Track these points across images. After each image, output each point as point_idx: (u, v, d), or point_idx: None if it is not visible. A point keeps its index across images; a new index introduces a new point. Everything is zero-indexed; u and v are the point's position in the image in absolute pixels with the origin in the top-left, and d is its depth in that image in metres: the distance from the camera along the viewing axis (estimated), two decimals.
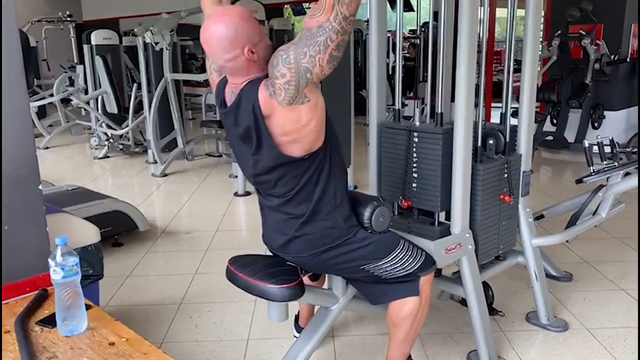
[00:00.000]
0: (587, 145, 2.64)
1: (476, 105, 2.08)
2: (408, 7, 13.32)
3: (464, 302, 2.48)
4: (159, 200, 4.90)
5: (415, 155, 2.08)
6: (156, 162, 5.80)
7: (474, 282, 2.11)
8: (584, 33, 5.38)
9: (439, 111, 2.07)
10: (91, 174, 5.85)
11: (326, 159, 1.66)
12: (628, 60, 5.63)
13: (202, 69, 10.85)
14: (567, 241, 2.58)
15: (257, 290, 1.72)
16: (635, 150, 2.73)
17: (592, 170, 2.61)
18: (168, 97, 5.52)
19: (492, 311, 2.36)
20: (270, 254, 1.94)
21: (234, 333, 2.43)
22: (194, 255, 3.35)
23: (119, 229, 3.45)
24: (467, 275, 2.10)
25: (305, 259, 1.78)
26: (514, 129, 2.35)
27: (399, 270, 1.78)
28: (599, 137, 2.69)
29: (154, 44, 5.34)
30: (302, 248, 1.75)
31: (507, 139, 2.24)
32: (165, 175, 5.50)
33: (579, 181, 2.60)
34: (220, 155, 6.12)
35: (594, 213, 2.63)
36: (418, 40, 7.27)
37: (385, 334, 2.35)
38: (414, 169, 2.10)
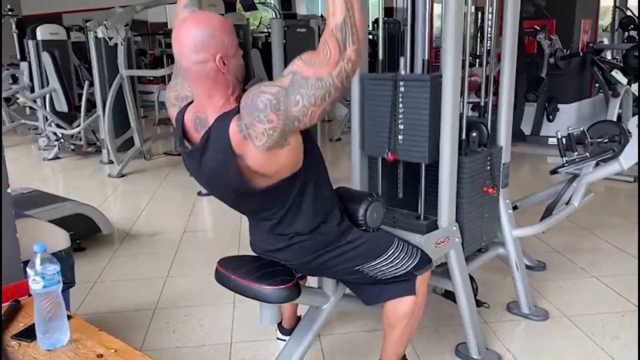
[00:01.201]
0: (559, 137, 2.69)
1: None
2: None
3: (446, 295, 2.49)
4: (118, 201, 4.70)
5: (401, 105, 2.00)
6: (111, 162, 5.58)
7: (461, 275, 2.10)
8: (538, 28, 5.53)
9: (425, 58, 2.02)
10: (41, 176, 5.57)
11: (309, 175, 1.57)
12: (581, 54, 5.83)
13: (152, 66, 10.55)
14: (542, 232, 2.61)
15: (252, 292, 1.65)
16: (606, 140, 2.79)
17: (565, 161, 2.67)
18: (124, 94, 5.30)
19: (477, 303, 2.37)
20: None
21: (216, 337, 2.34)
22: (163, 258, 3.22)
23: (81, 233, 3.27)
24: (455, 268, 2.09)
25: (298, 265, 1.73)
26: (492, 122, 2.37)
27: (395, 269, 1.74)
28: (569, 128, 2.75)
29: (107, 39, 5.12)
30: (295, 256, 1.69)
31: (490, 132, 2.25)
32: (123, 175, 5.29)
33: (554, 172, 2.65)
34: (179, 154, 5.94)
35: (567, 203, 2.69)
36: (374, 36, 7.28)
37: (372, 330, 2.34)
38: (400, 120, 2.01)
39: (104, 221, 3.42)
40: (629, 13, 9.33)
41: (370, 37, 9.44)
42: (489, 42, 2.46)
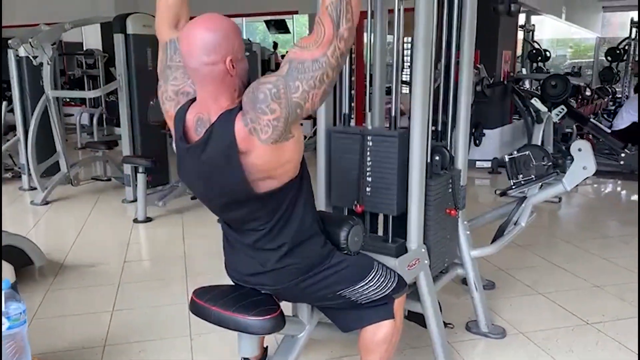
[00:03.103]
0: (507, 159, 2.83)
1: None
2: (283, 29, 13.57)
3: (409, 317, 2.50)
4: (46, 231, 4.38)
5: (369, 159, 2.03)
6: (33, 189, 5.20)
7: (431, 297, 2.13)
8: None
9: (393, 114, 2.07)
10: None
11: (301, 188, 1.57)
12: (505, 82, 6.21)
13: (69, 87, 10.03)
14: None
15: (236, 324, 1.57)
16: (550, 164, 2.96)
17: (512, 184, 2.80)
18: (49, 116, 4.99)
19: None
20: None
21: None
22: (106, 290, 3.02)
23: (13, 266, 2.99)
24: (425, 290, 2.11)
25: (282, 290, 1.67)
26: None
27: (375, 293, 1.73)
28: (514, 152, 2.89)
29: (32, 58, 4.81)
30: (280, 279, 1.63)
31: (452, 155, 2.33)
32: (47, 202, 4.94)
33: (503, 194, 2.78)
34: (109, 179, 5.65)
35: (515, 223, 2.81)
36: None
37: (339, 357, 2.31)
38: (367, 174, 2.04)
39: (37, 252, 3.16)
40: (536, 46, 10.13)
41: None
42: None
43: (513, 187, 2.77)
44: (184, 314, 2.68)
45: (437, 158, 2.27)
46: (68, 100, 9.35)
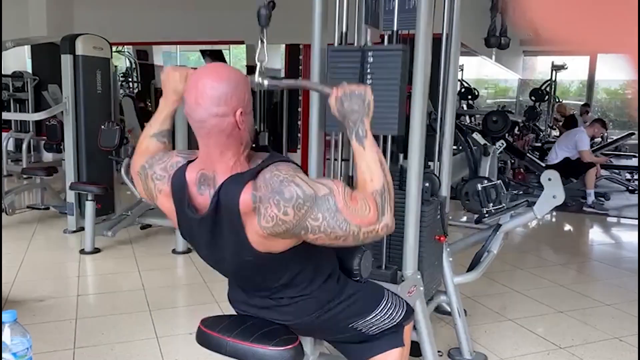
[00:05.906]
0: (480, 188, 2.92)
1: None
2: (220, 59, 13.56)
3: None
4: None
5: (369, 76, 1.93)
6: None
7: (426, 325, 2.12)
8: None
9: (395, 29, 1.97)
10: None
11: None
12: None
13: None
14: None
15: (254, 355, 1.48)
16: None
17: (484, 212, 2.88)
18: None
19: None
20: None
21: None
22: (62, 327, 2.78)
23: None
24: (421, 317, 2.10)
25: (295, 324, 1.60)
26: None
27: (387, 322, 1.70)
28: (485, 182, 2.99)
29: None
30: (296, 314, 1.57)
31: (441, 183, 2.37)
32: None
33: (478, 221, 2.85)
34: (47, 208, 5.29)
35: (488, 251, 2.89)
36: None
37: None
38: None
39: None
40: (466, 85, 10.69)
41: None
42: None
43: (486, 215, 2.85)
44: (154, 349, 2.51)
45: (427, 184, 2.30)
46: None
